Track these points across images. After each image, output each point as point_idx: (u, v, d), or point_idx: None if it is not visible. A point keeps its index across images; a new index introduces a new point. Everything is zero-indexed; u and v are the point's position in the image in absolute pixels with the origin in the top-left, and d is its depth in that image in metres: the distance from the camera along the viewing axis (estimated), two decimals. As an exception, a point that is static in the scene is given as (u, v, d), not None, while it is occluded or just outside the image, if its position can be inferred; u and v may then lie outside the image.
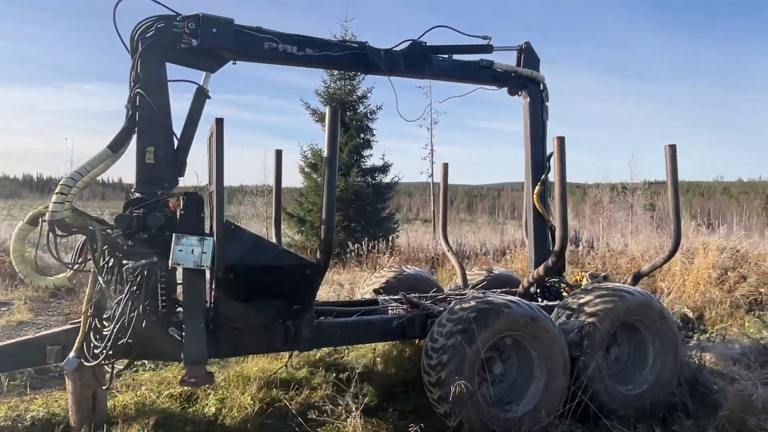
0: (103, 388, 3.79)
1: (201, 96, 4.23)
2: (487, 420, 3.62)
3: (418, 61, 4.74)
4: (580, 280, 5.52)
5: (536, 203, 5.17)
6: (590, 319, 4.07)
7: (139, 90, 3.81)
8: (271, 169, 5.58)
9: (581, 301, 4.25)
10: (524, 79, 5.11)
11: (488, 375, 3.95)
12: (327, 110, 3.39)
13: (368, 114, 15.63)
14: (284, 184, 5.74)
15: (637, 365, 4.40)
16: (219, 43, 3.97)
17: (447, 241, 6.08)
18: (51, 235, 3.49)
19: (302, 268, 3.57)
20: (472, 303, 3.87)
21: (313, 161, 15.33)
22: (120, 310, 3.36)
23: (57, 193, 3.46)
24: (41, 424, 3.76)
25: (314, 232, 14.75)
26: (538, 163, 5.24)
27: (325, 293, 7.82)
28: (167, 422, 3.78)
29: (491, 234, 20.60)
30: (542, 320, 3.84)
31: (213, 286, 3.37)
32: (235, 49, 4.12)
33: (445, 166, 6.15)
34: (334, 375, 4.65)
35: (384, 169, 15.96)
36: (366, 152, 15.82)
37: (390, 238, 12.76)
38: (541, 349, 3.88)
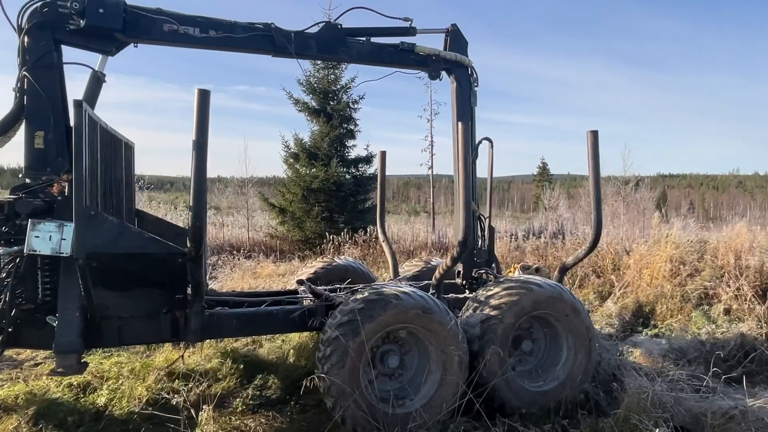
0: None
1: (96, 80, 4.13)
2: (371, 415, 3.48)
3: (333, 43, 4.57)
4: (513, 273, 5.35)
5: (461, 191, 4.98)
6: (493, 312, 3.91)
7: (25, 73, 3.71)
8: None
9: (488, 293, 4.08)
10: (449, 63, 4.91)
11: (384, 368, 3.83)
12: (195, 92, 3.25)
13: (350, 104, 15.44)
14: (269, 174, 5.75)
15: (551, 361, 4.23)
16: (106, 24, 3.84)
17: (384, 231, 5.94)
18: None
19: (172, 257, 3.45)
20: (364, 294, 3.73)
21: (295, 151, 15.20)
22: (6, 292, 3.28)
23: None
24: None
25: (295, 223, 14.67)
26: (465, 150, 5.04)
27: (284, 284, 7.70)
28: (52, 412, 3.71)
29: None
30: (435, 312, 3.68)
31: (79, 275, 3.26)
32: (130, 31, 4.00)
33: (383, 154, 6.00)
34: (242, 366, 4.55)
35: (368, 159, 15.76)
36: (350, 143, 15.70)
37: (368, 229, 12.62)
38: (437, 342, 3.73)
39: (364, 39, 4.71)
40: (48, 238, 3.11)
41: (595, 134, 4.41)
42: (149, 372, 4.29)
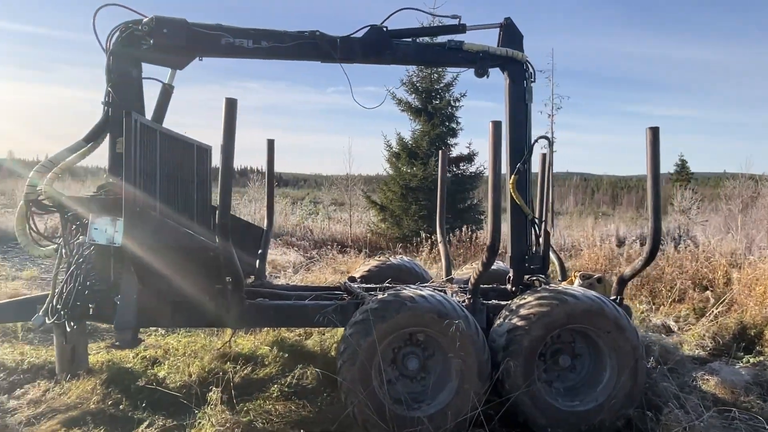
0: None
1: (165, 92, 4.68)
2: (380, 415, 3.52)
3: (377, 47, 4.64)
4: (573, 282, 4.97)
5: (513, 193, 4.75)
6: (520, 323, 3.71)
7: (109, 88, 4.36)
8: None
9: (521, 302, 3.87)
10: (501, 59, 4.70)
11: (405, 370, 3.83)
12: (224, 101, 3.54)
13: (452, 102, 15.27)
14: (371, 172, 5.95)
15: (593, 380, 3.88)
16: (171, 42, 4.34)
17: (442, 231, 5.86)
18: (29, 212, 4.19)
19: (204, 250, 3.81)
20: (384, 295, 3.77)
21: (396, 150, 15.48)
22: (72, 278, 3.94)
23: (30, 178, 4.13)
24: (34, 369, 4.56)
25: (394, 221, 14.97)
26: (518, 149, 4.80)
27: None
28: (121, 378, 4.32)
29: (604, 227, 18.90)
30: (452, 318, 3.59)
31: (130, 263, 3.77)
32: (193, 46, 4.47)
33: (443, 153, 5.92)
34: (287, 355, 4.85)
35: (469, 158, 15.51)
36: (451, 141, 15.55)
37: (463, 229, 12.42)
38: (454, 349, 3.64)
39: (410, 40, 4.72)
40: (104, 231, 3.64)
41: (655, 131, 3.92)
42: (206, 353, 4.77)
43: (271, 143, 5.74)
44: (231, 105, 3.53)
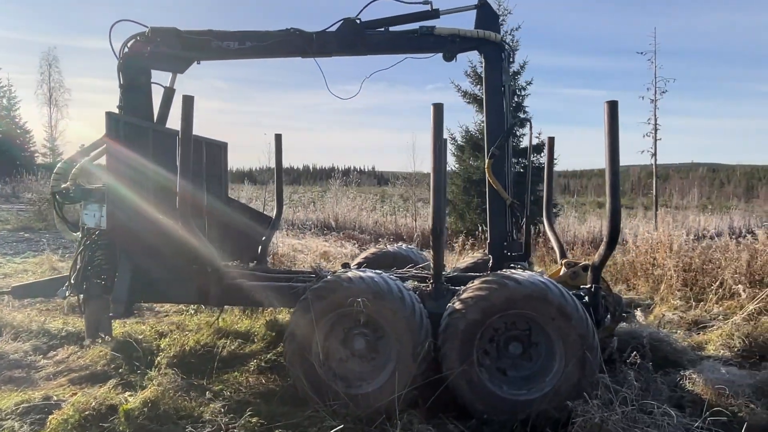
0: (108, 315, 5.11)
1: (167, 94, 5.24)
2: (316, 390, 3.69)
3: (351, 39, 4.80)
4: (559, 272, 4.73)
5: (489, 177, 4.64)
6: (458, 306, 3.67)
7: (120, 92, 5.00)
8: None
9: (468, 287, 3.81)
10: (474, 41, 4.61)
11: (354, 349, 3.95)
12: (182, 99, 3.91)
13: (516, 91, 14.70)
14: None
15: (545, 370, 3.71)
16: (165, 49, 4.87)
17: (549, 219, 5.67)
18: (56, 202, 4.95)
19: (173, 234, 4.23)
20: (328, 276, 3.93)
21: (461, 143, 15.28)
22: (82, 258, 4.61)
23: (55, 173, 4.88)
24: (71, 336, 5.37)
25: (457, 214, 14.84)
26: (494, 132, 4.67)
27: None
28: (129, 348, 4.94)
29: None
30: (387, 299, 3.65)
31: (116, 243, 4.32)
32: (187, 51, 4.96)
33: (551, 140, 5.61)
34: (274, 333, 5.19)
35: (539, 148, 14.81)
36: (519, 131, 14.97)
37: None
38: (392, 330, 3.71)
39: (383, 30, 4.80)
40: (93, 216, 4.23)
41: (613, 105, 3.62)
42: (205, 329, 5.27)
43: (278, 138, 6.13)
44: (188, 102, 3.90)
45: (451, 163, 15.92)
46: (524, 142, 14.95)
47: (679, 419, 2.90)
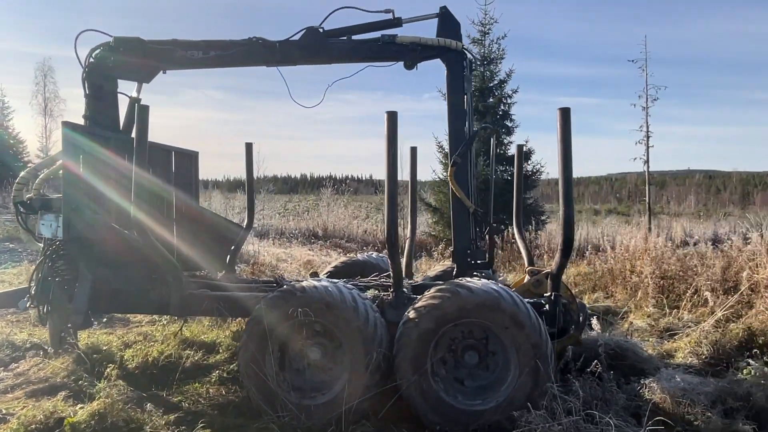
0: (68, 326, 5.06)
1: (132, 104, 5.22)
2: (269, 402, 3.65)
3: (314, 48, 4.79)
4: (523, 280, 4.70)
5: (452, 185, 4.61)
6: (412, 315, 3.63)
7: (85, 101, 4.98)
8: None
9: (424, 295, 3.78)
10: (435, 50, 4.61)
11: (309, 360, 3.91)
12: (137, 108, 3.91)
13: (503, 99, 14.74)
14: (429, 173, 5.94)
15: (501, 379, 3.67)
16: (129, 59, 4.86)
17: (519, 227, 5.83)
18: (18, 213, 4.91)
19: (131, 243, 4.19)
20: (284, 286, 3.89)
21: (447, 151, 15.23)
22: (41, 269, 4.56)
23: (17, 182, 4.84)
24: (35, 347, 5.30)
25: (445, 222, 14.78)
26: (457, 139, 4.66)
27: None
28: (90, 358, 4.88)
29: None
30: (340, 309, 3.62)
31: (73, 253, 4.28)
32: (152, 61, 4.95)
33: (519, 147, 5.81)
34: (238, 343, 5.13)
35: (526, 155, 14.84)
36: (506, 139, 14.99)
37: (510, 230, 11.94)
38: (346, 339, 3.67)
39: (346, 38, 4.80)
40: (50, 226, 4.19)
41: (565, 112, 3.62)
42: (171, 339, 5.21)
43: (249, 147, 6.10)
44: (143, 111, 3.89)
45: (439, 171, 15.95)
46: (511, 150, 14.97)
47: (623, 429, 2.86)
